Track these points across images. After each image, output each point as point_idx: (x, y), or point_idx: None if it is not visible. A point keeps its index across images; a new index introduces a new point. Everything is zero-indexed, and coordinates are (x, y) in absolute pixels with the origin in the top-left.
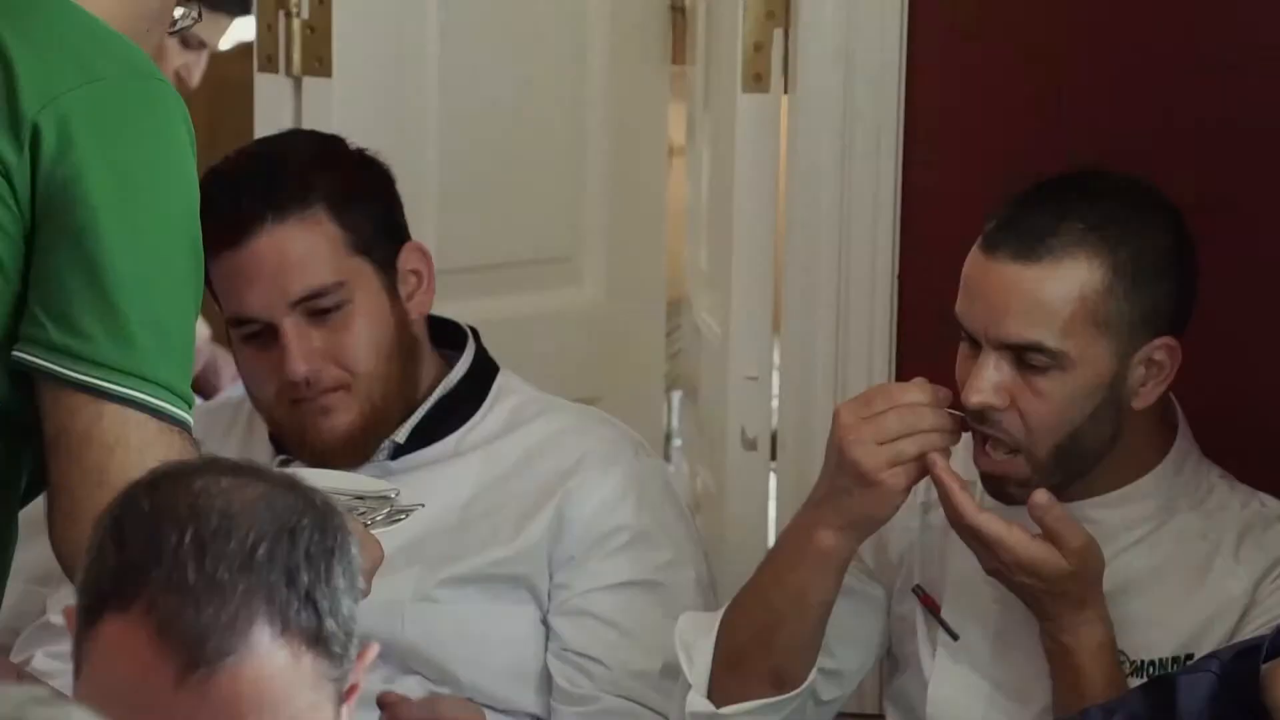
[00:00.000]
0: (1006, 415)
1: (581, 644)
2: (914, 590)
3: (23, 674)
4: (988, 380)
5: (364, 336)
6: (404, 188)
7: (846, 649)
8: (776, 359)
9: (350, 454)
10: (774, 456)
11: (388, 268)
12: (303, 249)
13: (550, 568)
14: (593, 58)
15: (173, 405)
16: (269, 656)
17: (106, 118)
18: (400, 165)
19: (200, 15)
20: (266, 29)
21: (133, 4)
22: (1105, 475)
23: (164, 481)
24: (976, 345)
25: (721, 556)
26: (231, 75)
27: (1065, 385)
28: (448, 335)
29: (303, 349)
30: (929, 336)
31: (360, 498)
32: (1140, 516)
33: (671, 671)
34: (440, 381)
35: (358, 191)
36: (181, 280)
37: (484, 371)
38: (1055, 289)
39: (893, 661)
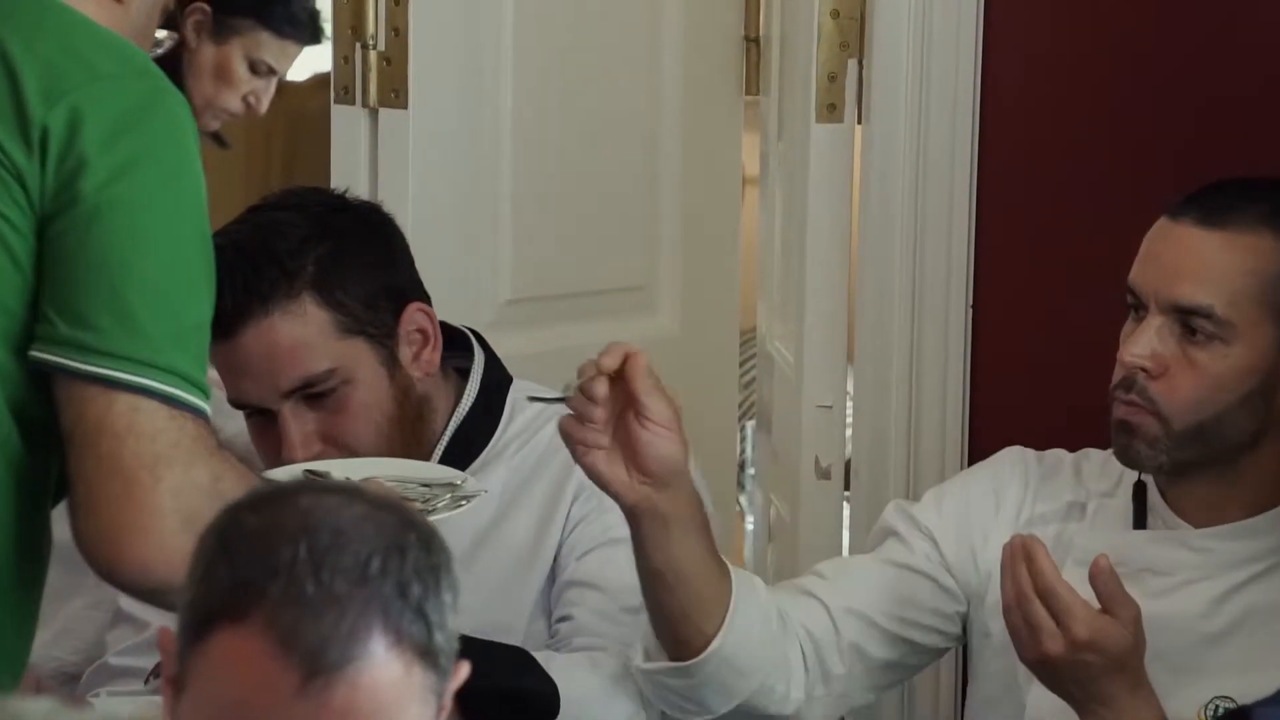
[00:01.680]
0: (1156, 384)
1: (560, 612)
2: None
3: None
4: (1147, 343)
5: (362, 417)
6: (478, 219)
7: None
8: (850, 388)
9: None
10: (847, 486)
11: (386, 339)
12: (291, 341)
13: (561, 538)
14: (667, 88)
15: (184, 392)
16: (385, 667)
17: (110, 114)
18: (475, 195)
19: (181, 42)
20: (343, 61)
21: (118, 21)
22: (1237, 500)
23: (266, 501)
24: (1132, 310)
25: None
26: (309, 107)
27: (1223, 361)
28: (458, 343)
29: (300, 435)
30: (1003, 365)
31: (426, 485)
32: (1259, 551)
33: (634, 608)
34: (455, 408)
35: (350, 267)
36: (191, 269)
37: (495, 389)
38: (1233, 258)
39: (973, 682)
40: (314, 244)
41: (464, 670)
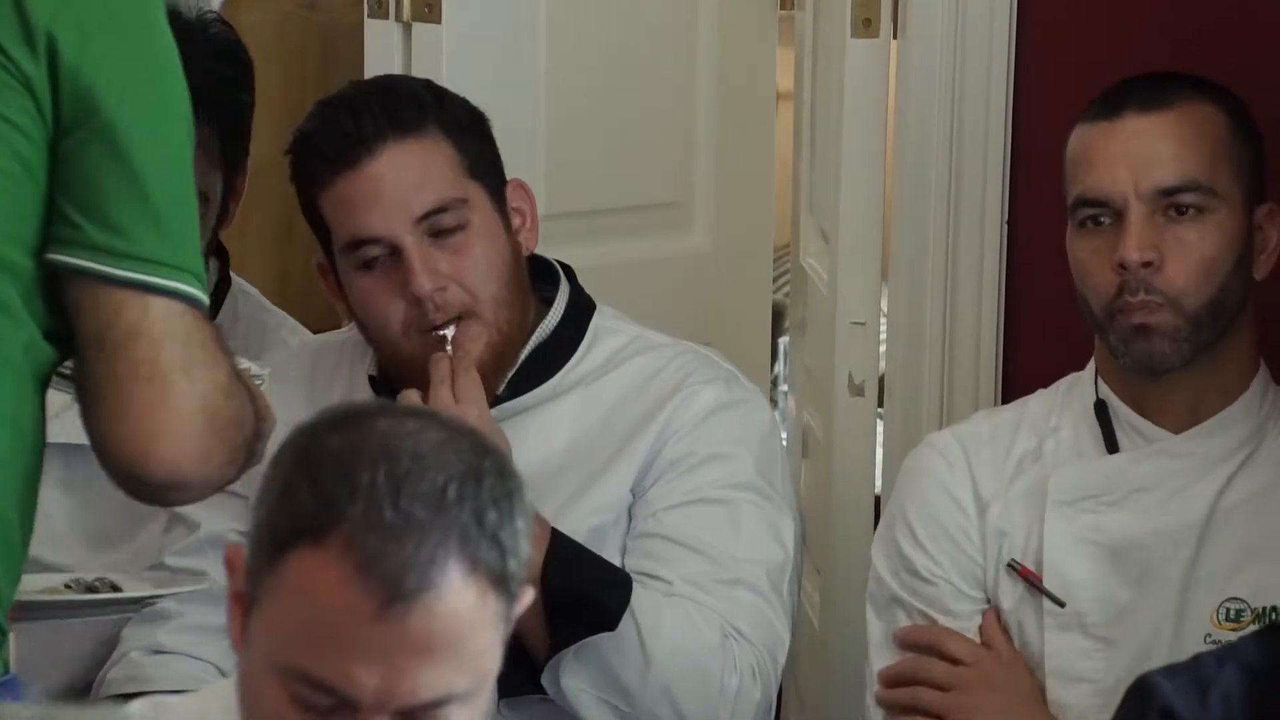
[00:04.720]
0: (1160, 276)
1: (647, 566)
2: (1009, 566)
3: None
4: (1145, 237)
5: (484, 260)
6: (512, 134)
7: None
8: (884, 305)
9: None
10: (881, 402)
11: (498, 198)
12: (424, 166)
13: (640, 489)
14: (701, 3)
15: (201, 291)
16: (461, 594)
17: (115, 16)
18: (509, 111)
19: None
20: None
21: None
22: (1215, 392)
23: (347, 421)
24: (1097, 224)
25: (829, 502)
26: (342, 20)
27: (1215, 230)
28: (543, 275)
29: (427, 267)
30: (1038, 281)
31: None
32: (1234, 445)
33: (731, 581)
34: (537, 327)
35: (468, 124)
36: (189, 163)
37: (580, 312)
38: (1193, 128)
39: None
40: (437, 97)
41: (529, 595)
